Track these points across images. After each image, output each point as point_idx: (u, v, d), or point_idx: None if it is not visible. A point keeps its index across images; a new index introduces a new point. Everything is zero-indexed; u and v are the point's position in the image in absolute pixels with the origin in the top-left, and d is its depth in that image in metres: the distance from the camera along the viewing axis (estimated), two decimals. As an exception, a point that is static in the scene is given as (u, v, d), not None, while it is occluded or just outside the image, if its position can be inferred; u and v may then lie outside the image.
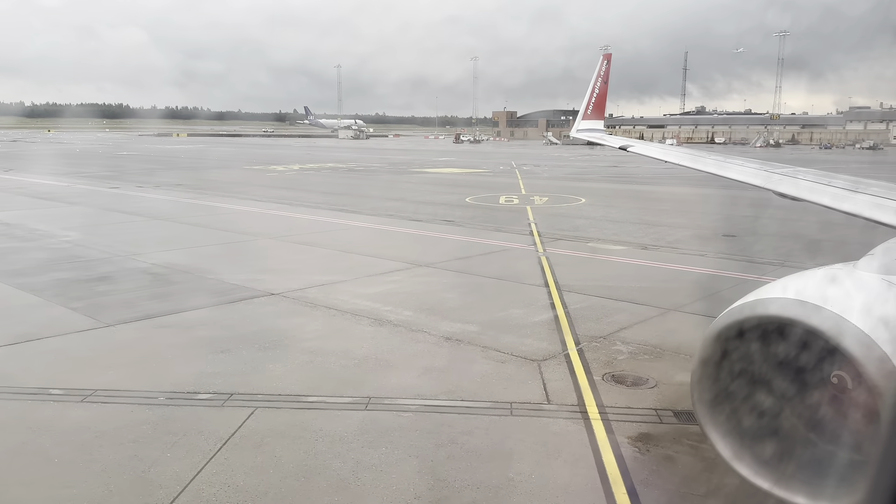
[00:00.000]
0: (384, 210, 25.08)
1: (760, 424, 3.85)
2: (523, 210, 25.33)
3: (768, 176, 7.09)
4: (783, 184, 6.76)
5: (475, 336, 10.01)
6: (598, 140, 14.35)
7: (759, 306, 3.69)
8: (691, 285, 13.44)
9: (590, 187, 36.72)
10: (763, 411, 3.85)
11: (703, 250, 17.37)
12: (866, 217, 5.17)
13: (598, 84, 14.44)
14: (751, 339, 3.76)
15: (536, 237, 19.17)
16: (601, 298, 12.35)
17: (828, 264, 4.34)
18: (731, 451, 3.82)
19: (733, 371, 3.87)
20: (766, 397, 3.84)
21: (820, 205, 5.76)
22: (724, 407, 3.90)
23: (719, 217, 24.05)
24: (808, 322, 3.43)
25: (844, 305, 3.47)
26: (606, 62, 14.85)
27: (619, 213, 25.36)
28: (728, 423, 3.87)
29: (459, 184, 38.36)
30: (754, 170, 7.50)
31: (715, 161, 8.60)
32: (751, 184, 7.15)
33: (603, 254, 16.86)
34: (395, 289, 12.93)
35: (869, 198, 5.46)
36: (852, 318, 3.37)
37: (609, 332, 10.28)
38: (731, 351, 3.84)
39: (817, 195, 5.97)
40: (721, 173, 7.84)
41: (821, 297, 3.53)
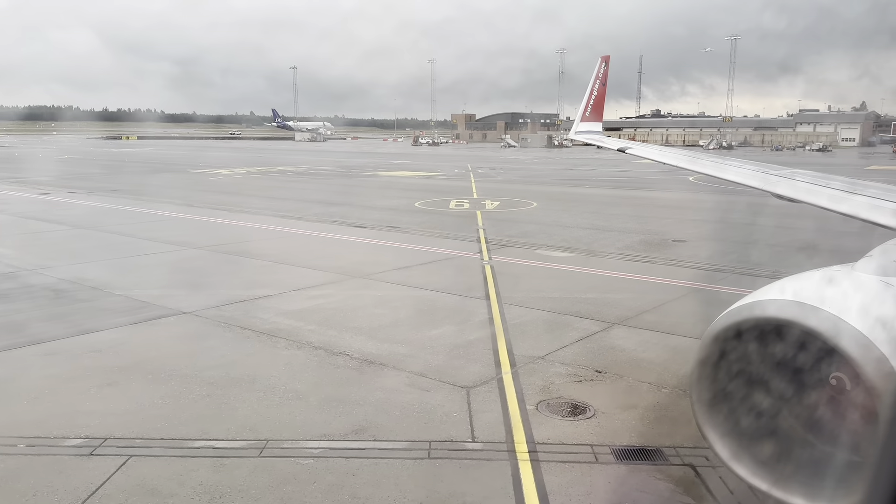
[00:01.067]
0: (328, 216, 23.99)
1: (759, 425, 3.84)
2: (473, 215, 24.52)
3: (765, 177, 7.06)
4: (780, 185, 6.73)
5: (402, 359, 9.08)
6: (595, 142, 14.31)
7: (757, 308, 3.67)
8: (637, 295, 12.75)
9: (543, 191, 36.15)
10: (761, 412, 3.84)
11: (652, 257, 16.77)
12: (863, 218, 5.17)
13: (596, 86, 14.51)
14: (749, 341, 3.75)
15: (483, 244, 18.36)
16: (544, 312, 11.56)
17: (794, 268, 4.28)
18: (729, 451, 3.81)
19: (731, 372, 3.86)
20: (765, 398, 3.83)
21: (818, 206, 5.75)
22: (722, 407, 3.89)
23: (672, 221, 23.61)
24: (806, 323, 3.42)
25: (842, 306, 3.46)
26: (605, 64, 14.86)
27: (570, 217, 24.74)
28: (726, 424, 3.86)
29: (411, 188, 37.42)
30: (751, 171, 7.49)
31: (712, 163, 8.59)
32: (748, 185, 7.10)
33: (550, 261, 16.12)
34: (323, 304, 11.92)
35: (866, 199, 5.45)
36: (850, 320, 3.36)
37: (549, 351, 9.47)
38: (729, 352, 3.82)
39: (815, 196, 5.95)
40: (718, 175, 7.82)
41: (818, 299, 3.51)
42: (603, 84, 14.65)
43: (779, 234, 20.33)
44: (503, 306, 11.87)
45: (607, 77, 14.85)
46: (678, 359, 9.23)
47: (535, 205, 28.06)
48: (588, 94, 14.74)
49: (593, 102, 14.58)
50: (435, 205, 27.85)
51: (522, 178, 46.43)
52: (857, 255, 4.25)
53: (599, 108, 14.73)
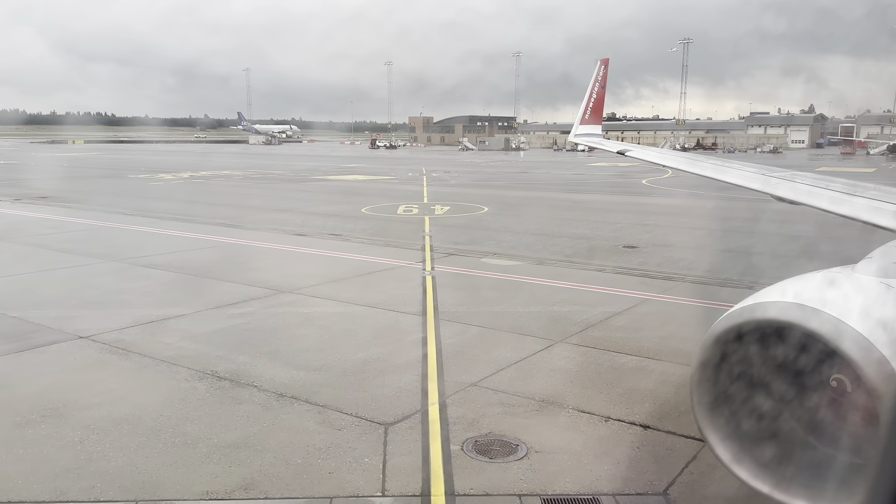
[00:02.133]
0: (268, 223, 22.77)
1: (760, 428, 3.82)
2: (421, 221, 23.58)
3: (766, 180, 7.11)
4: (781, 187, 6.75)
5: (317, 390, 8.07)
6: (595, 144, 14.29)
7: (758, 310, 3.65)
8: (583, 308, 11.97)
9: (496, 195, 35.44)
10: (763, 414, 3.82)
11: (601, 265, 16.07)
12: (864, 220, 5.16)
13: (595, 89, 14.57)
14: (749, 343, 3.73)
15: (428, 252, 17.43)
16: (483, 329, 10.68)
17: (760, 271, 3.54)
18: (730, 454, 3.78)
19: (732, 374, 3.83)
20: (766, 401, 3.82)
21: (818, 208, 5.77)
22: (723, 410, 3.86)
23: (624, 226, 23.05)
24: (807, 325, 3.43)
25: (843, 309, 3.46)
26: (604, 67, 14.94)
27: (521, 223, 24.00)
28: (727, 427, 3.84)
29: (360, 192, 36.31)
30: (752, 174, 7.54)
31: (713, 165, 8.69)
32: (749, 188, 7.15)
33: (495, 271, 15.27)
34: (240, 324, 10.82)
35: (866, 201, 5.48)
36: (851, 322, 3.36)
37: (484, 376, 8.57)
38: (730, 354, 3.79)
39: (815, 199, 5.97)
40: (719, 177, 7.85)
41: (819, 301, 3.51)
42: (602, 87, 14.65)
43: (731, 239, 19.92)
44: (440, 323, 10.95)
45: (606, 79, 14.88)
46: (625, 383, 8.43)
47: (486, 209, 27.27)
48: (587, 97, 14.71)
49: (593, 105, 14.58)
50: (382, 210, 26.82)
51: (476, 181, 45.69)
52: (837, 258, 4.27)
53: (599, 111, 14.73)
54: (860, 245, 4.61)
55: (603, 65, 15.10)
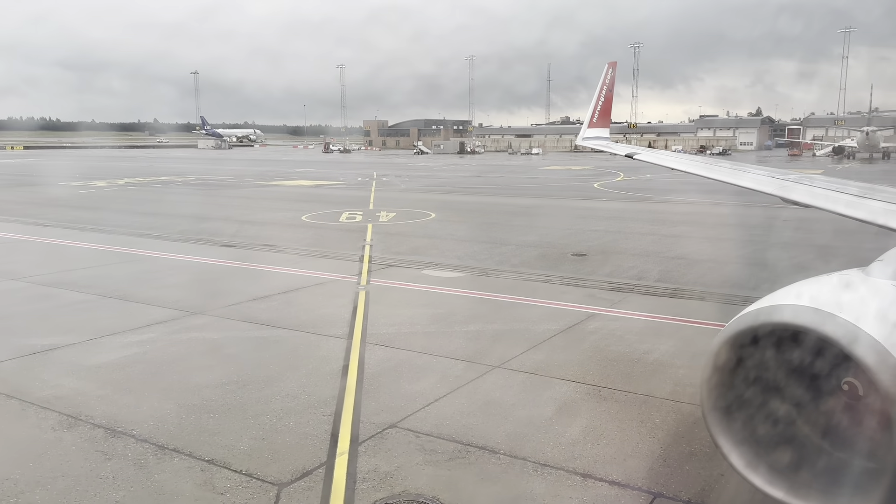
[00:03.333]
0: (196, 233, 21.28)
1: (774, 433, 3.75)
2: (363, 229, 22.37)
3: (781, 183, 7.08)
4: (795, 191, 6.68)
5: (207, 439, 6.85)
6: (603, 147, 14.18)
7: (774, 313, 3.58)
8: (526, 326, 10.98)
9: (445, 200, 34.44)
10: (777, 420, 3.76)
11: (548, 275, 15.15)
12: (880, 224, 5.04)
13: (603, 92, 14.58)
14: (763, 347, 3.67)
15: (366, 264, 16.27)
16: (414, 354, 9.59)
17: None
18: (744, 460, 3.71)
19: (746, 378, 3.75)
20: (780, 405, 3.76)
21: (833, 212, 5.69)
22: (736, 415, 3.76)
23: (574, 232, 22.24)
24: (822, 330, 3.37)
25: (858, 313, 3.41)
26: (612, 70, 14.94)
27: (468, 230, 23.01)
28: (741, 432, 3.75)
29: (304, 198, 34.87)
30: (766, 177, 7.53)
31: (726, 169, 8.76)
32: (763, 191, 7.08)
33: (436, 284, 14.20)
34: (135, 356, 9.49)
35: (881, 204, 5.44)
36: (866, 327, 3.32)
37: (407, 414, 7.47)
38: (744, 358, 3.73)
39: (830, 202, 5.94)
40: (733, 181, 7.79)
41: (835, 304, 3.47)
42: (610, 90, 14.67)
43: (681, 244, 19.26)
44: (366, 348, 9.81)
45: (614, 83, 14.90)
46: (564, 418, 7.42)
47: (434, 216, 26.20)
48: (595, 101, 14.69)
49: (600, 109, 14.57)
50: (324, 218, 25.53)
51: (427, 186, 44.65)
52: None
53: (607, 115, 14.70)
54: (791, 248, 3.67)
55: (611, 68, 15.04)
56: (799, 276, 3.85)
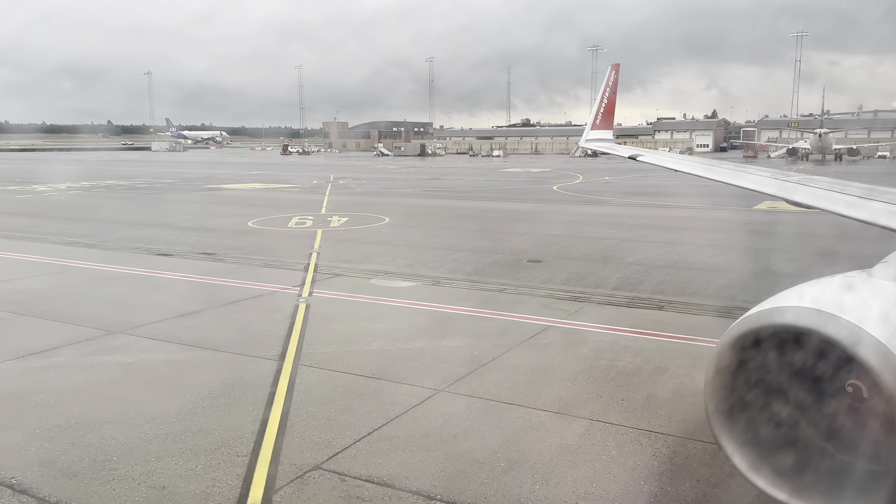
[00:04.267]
0: (133, 241, 20.02)
1: (777, 435, 3.76)
2: (312, 235, 21.37)
3: (782, 184, 7.09)
4: (797, 192, 6.69)
5: (98, 489, 5.87)
6: (607, 149, 14.34)
7: (776, 315, 3.58)
8: (475, 342, 10.21)
9: (401, 204, 33.57)
10: (780, 421, 3.76)
11: (502, 283, 14.42)
12: (882, 225, 4.96)
13: (606, 94, 14.57)
14: (766, 348, 3.67)
15: (310, 273, 15.32)
16: (350, 377, 8.72)
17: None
18: (747, 462, 3.70)
19: (749, 380, 3.76)
20: (783, 407, 3.77)
21: (835, 213, 5.68)
22: (739, 417, 3.76)
23: (531, 237, 21.61)
24: (825, 331, 3.37)
25: (861, 314, 3.41)
26: (615, 72, 14.98)
27: (422, 235, 22.20)
28: (744, 434, 3.75)
29: (253, 203, 33.66)
30: (768, 178, 7.54)
31: (729, 170, 8.70)
32: (764, 192, 7.12)
33: (383, 295, 13.34)
34: (35, 384, 8.41)
35: (883, 205, 5.38)
36: (869, 328, 3.32)
37: (335, 451, 6.61)
38: (747, 360, 3.73)
39: (832, 203, 5.93)
40: (735, 182, 7.74)
41: (837, 306, 3.46)
42: (613, 92, 14.65)
43: (639, 249, 18.75)
44: (298, 371, 8.91)
45: (617, 84, 14.89)
46: (511, 452, 6.64)
47: (388, 220, 25.30)
48: (598, 102, 14.71)
49: (604, 110, 14.55)
50: (272, 223, 24.42)
51: (384, 189, 43.72)
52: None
53: (610, 116, 14.68)
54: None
55: (614, 70, 15.07)
56: (756, 282, 3.43)
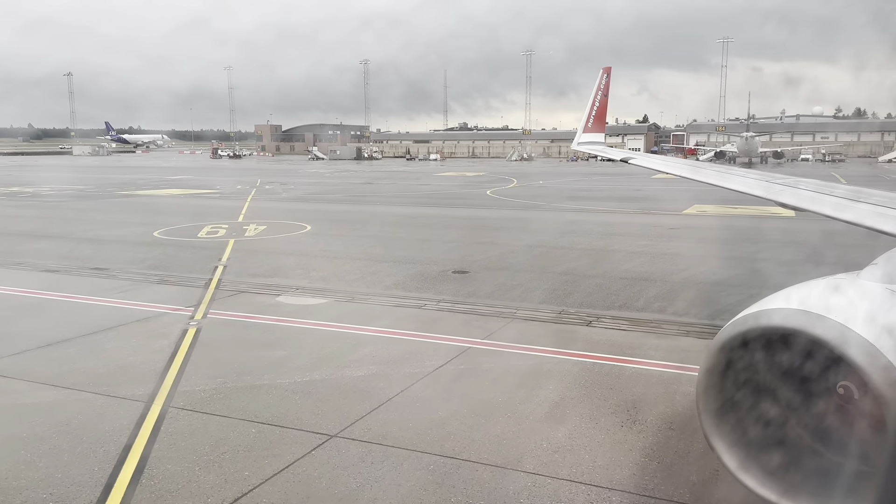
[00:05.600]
0: (19, 255, 18.02)
1: (767, 435, 3.81)
2: (223, 246, 19.75)
3: (769, 186, 6.97)
4: (784, 194, 6.58)
5: None
6: (599, 152, 14.35)
7: (763, 317, 3.66)
8: (384, 370, 9.06)
9: (327, 210, 32.11)
10: (769, 421, 3.81)
11: (423, 298, 13.31)
12: (868, 226, 4.90)
13: (598, 97, 14.56)
14: (755, 350, 3.72)
15: (211, 291, 13.85)
16: (229, 421, 7.43)
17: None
18: (737, 462, 3.76)
19: (738, 381, 3.81)
20: (772, 407, 3.82)
21: (821, 214, 5.58)
22: (729, 417, 3.83)
23: (458, 245, 20.60)
24: (812, 332, 3.42)
25: (848, 315, 3.44)
26: (606, 75, 14.90)
27: (343, 244, 20.89)
28: (734, 434, 3.82)
29: (165, 210, 31.56)
30: (755, 181, 7.57)
31: (715, 172, 8.82)
32: (752, 194, 6.97)
33: (288, 315, 12.04)
34: None
35: (870, 207, 5.33)
36: (857, 328, 3.35)
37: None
38: (736, 361, 3.78)
39: (818, 205, 5.83)
40: (722, 184, 7.72)
41: (824, 307, 3.51)
42: (605, 95, 14.64)
43: (568, 258, 17.96)
44: (167, 414, 7.55)
45: (609, 88, 14.86)
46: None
47: (309, 228, 23.84)
48: (590, 105, 14.71)
49: (595, 113, 14.59)
50: (181, 233, 22.63)
51: (311, 194, 42.07)
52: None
53: (602, 119, 14.76)
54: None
55: (605, 73, 14.97)
56: (685, 292, 2.45)
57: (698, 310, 12.51)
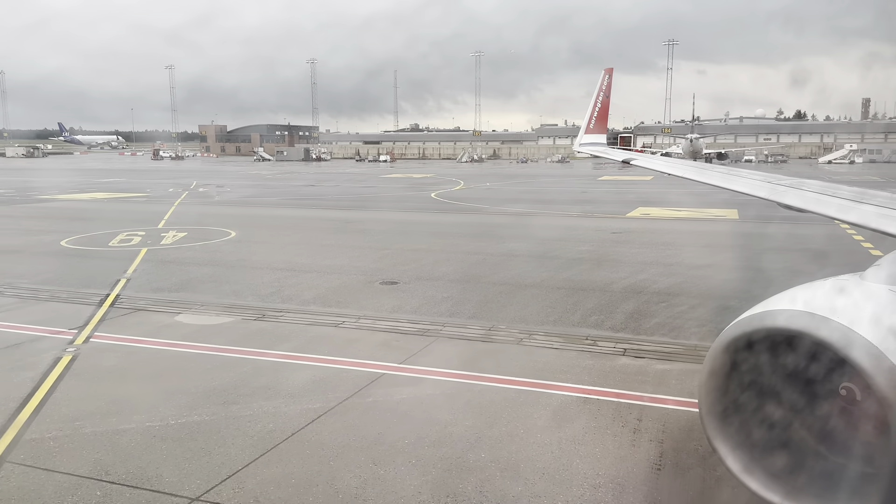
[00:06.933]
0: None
1: (771, 437, 3.78)
2: (133, 256, 18.11)
3: (773, 188, 6.95)
4: (788, 195, 6.51)
5: None
6: (600, 153, 14.16)
7: (768, 318, 3.64)
8: (280, 405, 7.82)
9: (258, 215, 30.51)
10: (773, 423, 3.79)
11: (341, 314, 12.08)
12: (873, 227, 4.95)
13: (599, 98, 14.29)
14: (759, 351, 3.72)
15: (104, 309, 12.37)
16: (72, 479, 6.11)
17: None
18: (740, 464, 3.74)
19: (742, 383, 3.80)
20: (776, 409, 3.78)
21: (826, 216, 5.59)
22: (733, 419, 3.81)
23: (392, 253, 19.42)
24: (817, 334, 3.41)
25: (853, 317, 3.43)
26: (608, 77, 14.67)
27: (267, 253, 19.46)
28: (738, 436, 3.79)
29: (82, 216, 29.45)
30: (759, 182, 7.50)
31: (720, 174, 8.61)
32: (756, 196, 6.94)
33: (184, 337, 10.68)
34: None
35: (874, 208, 5.29)
36: (861, 330, 3.34)
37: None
38: (740, 363, 3.77)
39: (823, 206, 5.76)
40: (726, 185, 7.64)
41: (829, 309, 3.50)
42: (607, 96, 14.41)
43: (506, 266, 16.96)
44: (1, 470, 6.17)
45: (611, 89, 14.62)
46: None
47: (234, 235, 22.29)
48: (592, 107, 14.47)
49: (597, 114, 14.34)
50: (91, 241, 20.84)
51: (247, 197, 40.27)
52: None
53: (603, 120, 14.57)
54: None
55: (607, 74, 14.73)
56: (623, 303, 2.72)
57: (637, 324, 11.63)
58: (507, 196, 42.72)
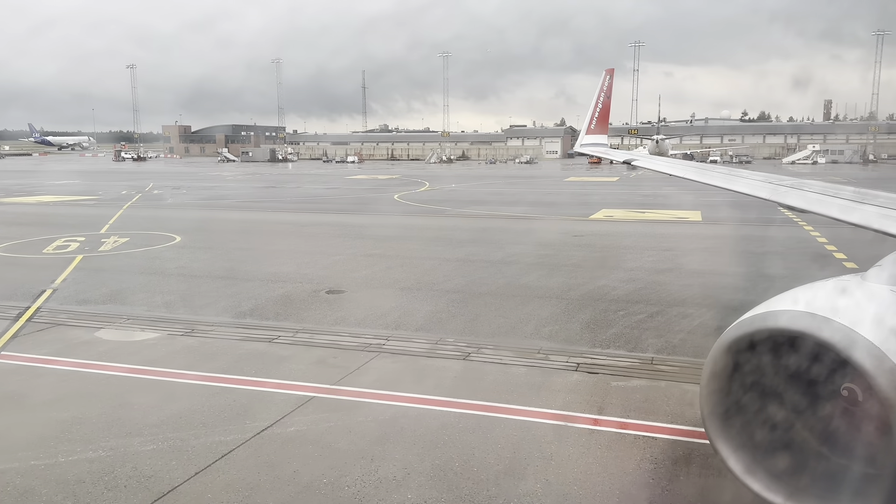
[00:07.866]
0: None
1: (772, 438, 3.74)
2: (66, 264, 16.96)
3: (775, 188, 6.95)
4: (790, 196, 6.44)
5: None
6: (601, 154, 14.12)
7: (770, 318, 3.61)
8: (195, 434, 6.97)
9: (209, 218, 29.36)
10: (775, 424, 3.75)
11: (278, 328, 11.22)
12: (875, 228, 4.86)
13: (601, 99, 14.20)
14: (761, 352, 3.69)
15: (19, 323, 11.36)
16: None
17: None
18: (742, 465, 3.70)
19: (744, 383, 3.77)
20: (778, 410, 3.75)
21: (828, 216, 5.52)
22: (735, 421, 3.77)
23: (343, 259, 18.57)
24: (819, 335, 3.39)
25: (855, 317, 3.40)
26: (609, 77, 14.57)
27: (210, 260, 18.46)
28: (740, 437, 3.76)
29: (21, 221, 28.01)
30: (761, 182, 7.45)
31: (721, 175, 8.61)
32: (758, 196, 6.92)
33: (100, 356, 9.75)
34: None
35: (876, 209, 5.27)
36: (863, 331, 3.33)
37: None
38: (742, 364, 3.75)
39: (825, 207, 5.75)
40: (728, 186, 7.58)
41: (831, 309, 3.48)
42: (608, 97, 14.32)
43: (461, 272, 16.21)
44: None
45: (612, 90, 14.53)
46: None
47: (179, 240, 21.17)
48: (593, 107, 14.40)
49: (598, 115, 14.24)
50: (24, 248, 19.60)
51: (203, 199, 38.97)
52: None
53: (604, 121, 14.43)
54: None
55: (608, 75, 14.67)
56: (580, 312, 2.01)
57: (592, 335, 10.97)
58: (472, 198, 42.07)
